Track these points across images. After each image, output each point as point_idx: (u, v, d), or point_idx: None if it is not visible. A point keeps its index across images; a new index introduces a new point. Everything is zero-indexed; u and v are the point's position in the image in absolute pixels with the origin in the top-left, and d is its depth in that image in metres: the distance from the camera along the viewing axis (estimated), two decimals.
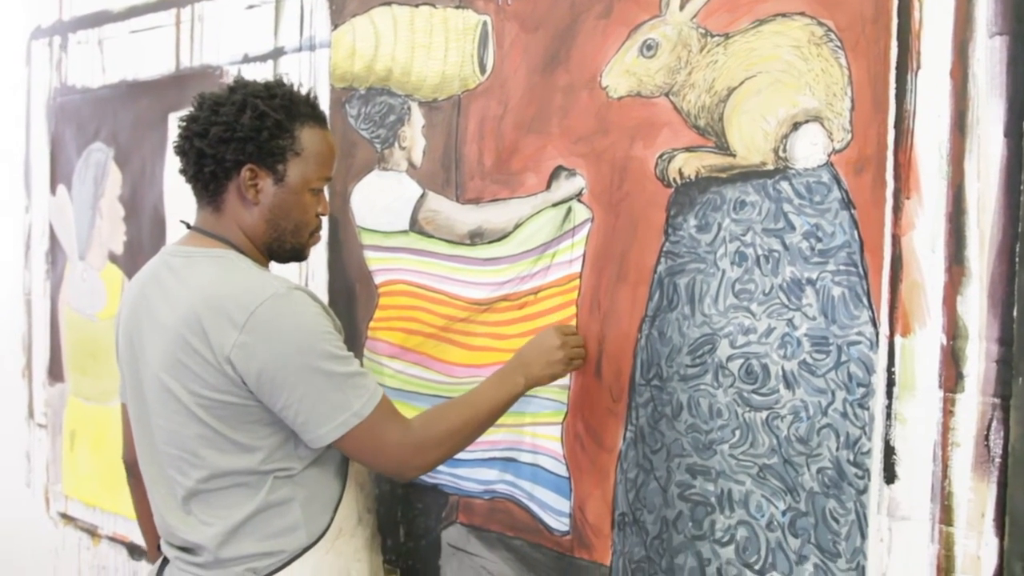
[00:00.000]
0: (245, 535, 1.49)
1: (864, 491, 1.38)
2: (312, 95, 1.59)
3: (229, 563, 1.49)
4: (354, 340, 2.07)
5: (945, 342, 1.32)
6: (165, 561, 1.62)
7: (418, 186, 1.96)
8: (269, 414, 1.47)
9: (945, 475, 1.32)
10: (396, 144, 2.00)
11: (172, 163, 2.55)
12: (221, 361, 1.42)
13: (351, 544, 1.57)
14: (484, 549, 1.85)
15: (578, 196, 1.70)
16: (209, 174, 1.52)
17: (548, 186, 1.74)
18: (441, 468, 1.91)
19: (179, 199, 2.39)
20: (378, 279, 2.03)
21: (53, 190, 3.00)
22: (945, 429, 1.32)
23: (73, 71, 2.89)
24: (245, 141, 1.49)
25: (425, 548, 1.95)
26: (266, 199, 1.53)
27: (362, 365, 2.05)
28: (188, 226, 1.60)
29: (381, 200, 2.02)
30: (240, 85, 1.55)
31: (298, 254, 1.62)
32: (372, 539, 1.67)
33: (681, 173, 1.56)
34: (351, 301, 2.09)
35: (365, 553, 1.61)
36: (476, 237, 1.85)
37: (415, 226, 1.96)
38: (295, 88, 1.57)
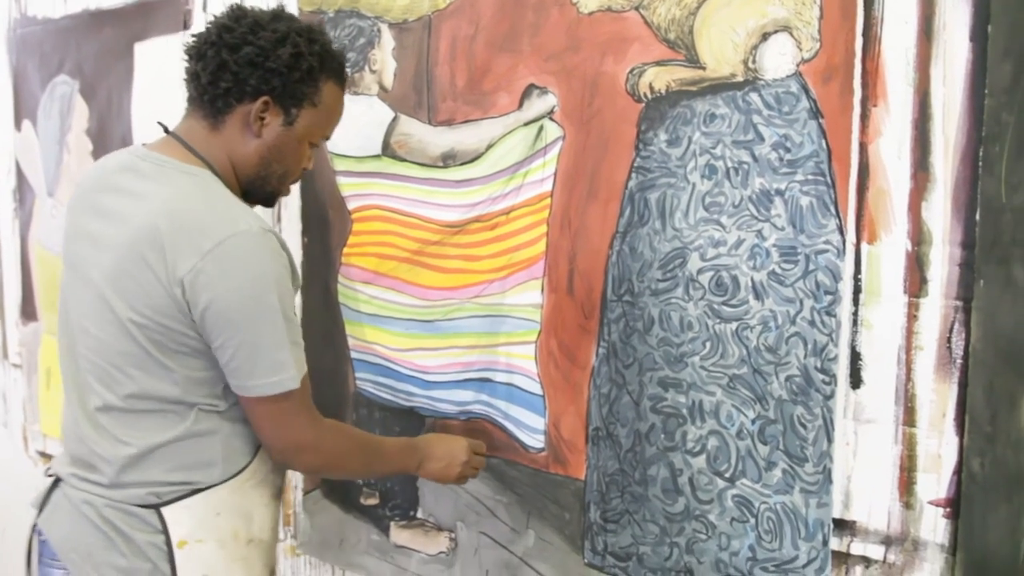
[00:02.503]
0: (157, 461, 1.43)
1: (831, 396, 1.41)
2: (343, 54, 1.56)
3: (131, 486, 1.43)
4: (328, 267, 2.08)
5: (910, 248, 1.34)
6: (55, 484, 1.53)
7: (390, 109, 1.94)
8: (205, 347, 1.41)
9: (909, 378, 1.35)
10: (366, 68, 1.98)
11: (140, 94, 2.52)
12: (172, 282, 1.36)
13: (260, 490, 1.52)
14: None
15: (550, 114, 1.69)
16: (223, 90, 1.44)
17: (520, 105, 1.73)
18: (416, 390, 1.93)
19: (148, 130, 2.36)
20: (351, 204, 2.03)
21: (18, 126, 2.95)
22: (909, 333, 1.35)
23: (33, 1, 2.82)
24: (274, 74, 1.43)
25: None
26: (269, 136, 1.48)
27: (338, 293, 2.07)
28: (166, 130, 1.53)
29: (353, 125, 2.00)
30: (285, 16, 1.49)
31: (270, 200, 1.58)
32: (280, 491, 1.60)
33: (652, 88, 1.56)
34: (324, 228, 2.09)
35: (273, 502, 1.55)
36: (449, 159, 1.85)
37: (387, 150, 1.95)
38: (332, 41, 1.54)
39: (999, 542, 1.29)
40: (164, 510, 1.42)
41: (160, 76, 2.41)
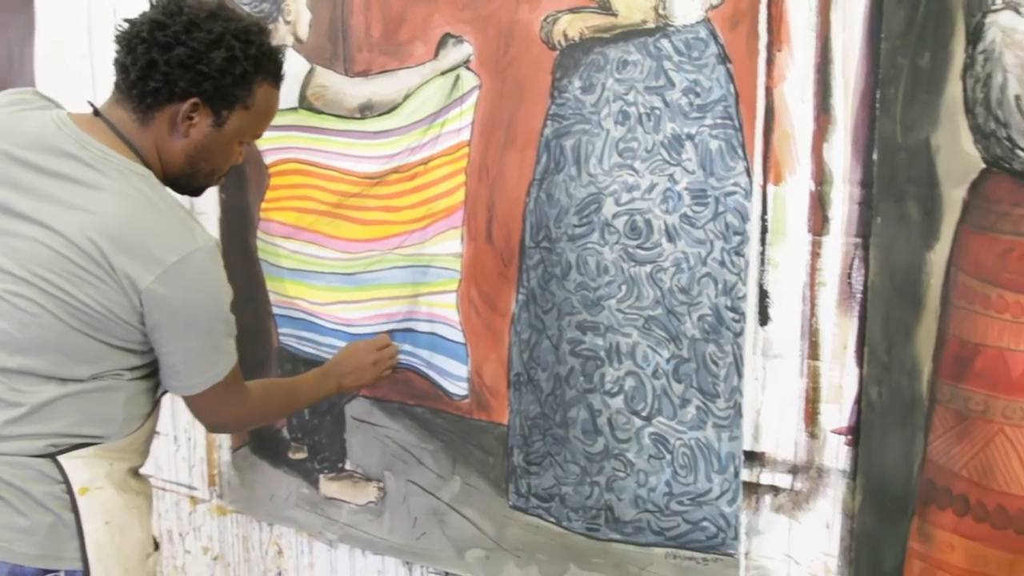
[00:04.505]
0: (56, 416, 1.40)
1: (740, 334, 1.46)
2: (282, 53, 1.51)
3: (24, 438, 1.39)
4: (246, 222, 2.05)
5: (813, 188, 1.39)
6: None
7: (305, 61, 1.91)
8: (144, 348, 1.41)
9: (813, 313, 1.41)
10: (280, 18, 1.94)
11: (42, 48, 2.42)
12: (128, 288, 1.34)
13: (146, 446, 1.53)
14: (387, 419, 1.89)
15: (466, 63, 1.69)
16: (152, 88, 1.38)
17: (436, 55, 1.73)
18: (341, 344, 1.93)
19: (52, 85, 2.28)
20: (268, 159, 2.00)
21: None
22: (813, 270, 1.40)
23: None
24: (206, 77, 1.37)
25: (329, 423, 1.99)
26: (196, 136, 1.42)
27: (257, 248, 2.05)
28: (97, 112, 1.45)
29: None
30: (223, 14, 1.41)
31: (197, 192, 1.55)
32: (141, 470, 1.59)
33: (565, 35, 1.57)
34: (242, 183, 2.06)
35: (147, 457, 1.56)
36: (366, 110, 1.83)
37: (304, 103, 1.92)
38: (270, 39, 1.47)
39: (895, 465, 1.37)
40: (62, 459, 1.39)
41: (64, 29, 2.32)
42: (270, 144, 2.00)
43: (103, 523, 1.40)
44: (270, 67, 1.44)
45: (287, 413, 1.71)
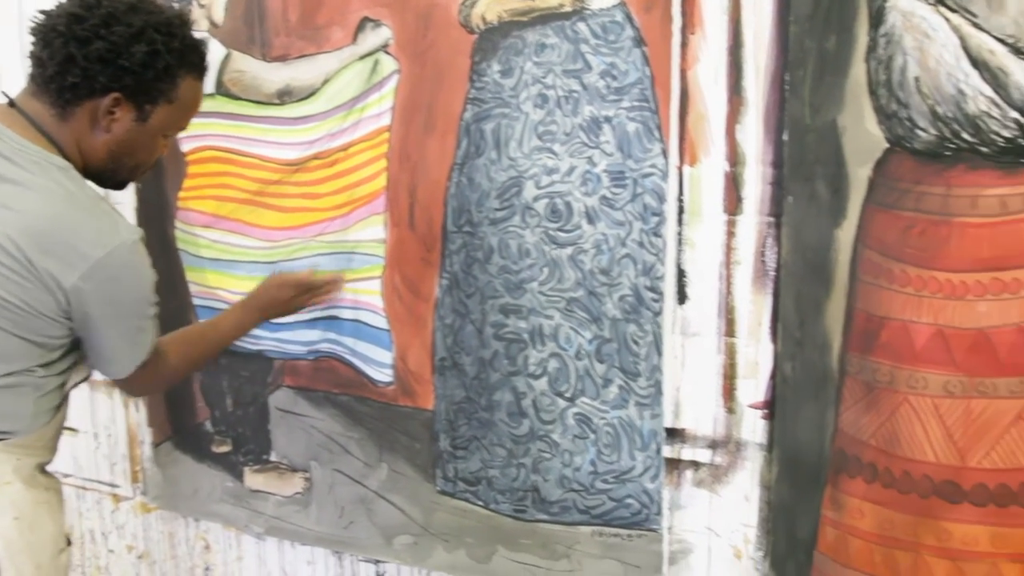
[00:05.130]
0: None
1: (660, 313, 1.48)
2: (206, 45, 1.46)
3: None
4: (164, 212, 2.00)
5: (727, 168, 1.42)
6: None
7: (221, 46, 1.87)
8: (68, 342, 1.40)
9: (729, 292, 1.44)
10: (194, 2, 1.90)
11: None
12: (52, 286, 1.32)
13: (55, 441, 1.50)
14: (312, 409, 1.88)
15: (384, 47, 1.68)
16: (71, 83, 1.34)
17: (354, 39, 1.71)
18: (263, 333, 1.90)
19: None
20: (185, 146, 1.96)
21: None
22: (728, 249, 1.43)
23: None
24: (127, 72, 1.33)
25: (253, 415, 1.96)
26: (118, 131, 1.38)
27: (175, 238, 2.00)
28: (12, 103, 1.40)
29: None
30: (143, 7, 1.36)
31: (121, 186, 1.51)
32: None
33: (484, 19, 1.57)
34: (158, 172, 2.01)
35: (56, 453, 1.53)
36: (285, 96, 1.81)
37: (221, 88, 1.88)
38: (192, 30, 1.43)
39: (808, 437, 1.41)
40: None
41: None
42: (187, 132, 1.95)
43: (12, 519, 1.36)
44: (193, 60, 1.41)
45: (213, 356, 1.68)
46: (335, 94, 1.74)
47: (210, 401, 2.00)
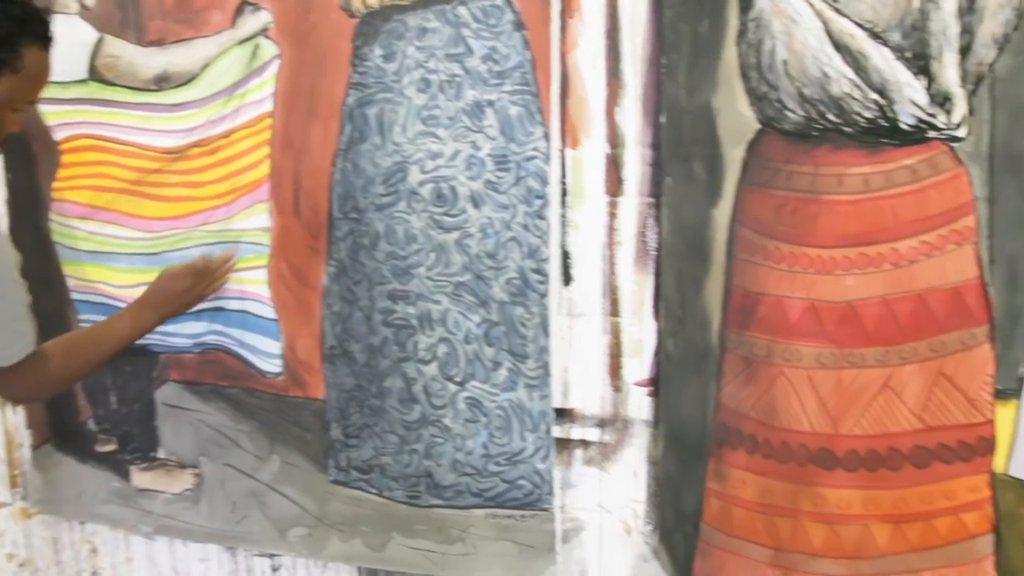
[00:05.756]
0: None
1: (546, 295, 1.50)
2: (49, 13, 1.38)
3: None
4: (37, 204, 1.92)
5: (608, 151, 1.44)
6: None
7: (93, 30, 1.80)
8: None
9: (612, 272, 1.47)
10: None
11: None
12: None
13: None
14: (200, 403, 1.83)
15: (264, 32, 1.64)
16: None
17: (233, 23, 1.67)
18: None
19: None
20: (59, 135, 1.87)
21: None
22: (611, 231, 1.46)
23: None
24: None
25: (139, 411, 1.90)
26: None
27: (51, 231, 1.92)
28: None
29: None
30: None
31: None
32: None
33: (365, 3, 1.55)
34: (30, 162, 1.92)
35: None
36: (162, 81, 1.75)
37: (94, 74, 1.81)
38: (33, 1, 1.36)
39: (692, 412, 1.45)
40: None
41: None
42: (60, 119, 1.87)
43: None
44: (36, 28, 1.35)
45: (103, 361, 1.54)
46: (214, 80, 1.70)
47: (93, 399, 1.93)
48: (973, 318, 1.30)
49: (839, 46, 1.29)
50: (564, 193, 1.46)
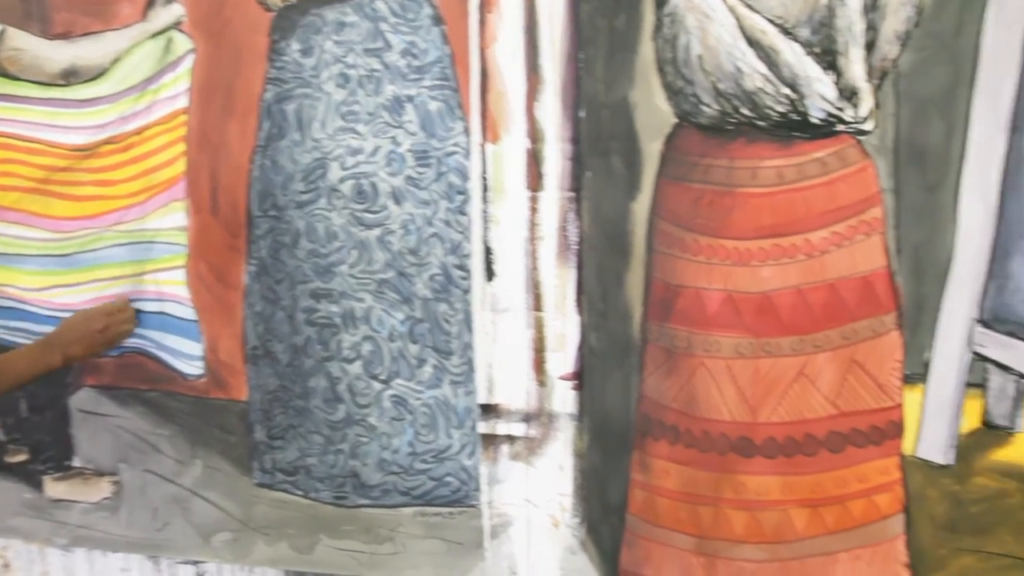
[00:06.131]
0: None
1: (469, 291, 1.50)
2: None
3: None
4: None
5: (528, 145, 1.44)
6: None
7: None
8: None
9: (535, 267, 1.47)
10: None
11: None
12: None
13: None
14: (117, 408, 1.78)
15: (177, 25, 1.61)
16: None
17: (144, 16, 1.63)
18: None
19: None
20: None
21: None
22: (532, 225, 1.46)
23: None
24: None
25: (52, 419, 1.83)
26: None
27: None
28: None
29: None
30: None
31: None
32: None
33: None
34: None
35: None
36: (70, 76, 1.69)
37: None
38: None
39: (616, 404, 1.46)
40: None
41: None
42: None
43: None
44: None
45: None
46: (126, 74, 1.65)
47: (0, 408, 1.86)
48: (882, 306, 1.35)
49: (752, 42, 1.31)
50: (485, 188, 1.46)
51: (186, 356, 1.71)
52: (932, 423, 1.37)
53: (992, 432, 1.39)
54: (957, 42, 1.25)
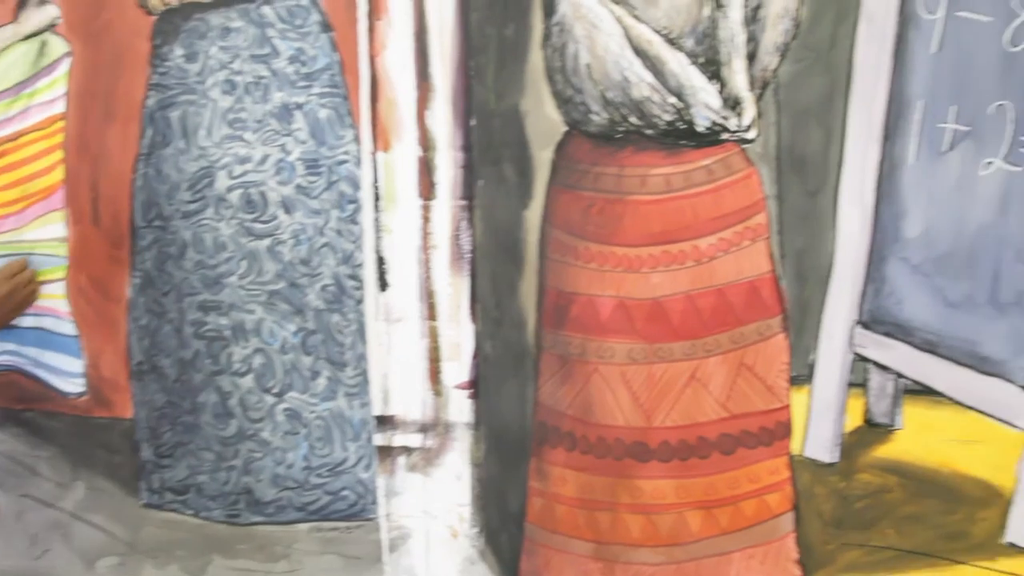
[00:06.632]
0: None
1: (362, 301, 1.48)
2: None
3: None
4: None
5: (420, 154, 1.43)
6: None
7: None
8: None
9: (428, 276, 1.46)
10: None
11: None
12: None
13: None
14: None
15: (52, 27, 1.54)
16: None
17: (16, 17, 1.56)
18: None
19: None
20: None
21: None
22: (425, 234, 1.45)
23: None
24: None
25: None
26: None
27: None
28: None
29: None
30: None
31: None
32: None
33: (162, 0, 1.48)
34: None
35: None
36: None
37: None
38: None
39: (512, 413, 1.46)
40: None
41: None
42: None
43: None
44: None
45: None
46: None
47: None
48: (768, 310, 1.38)
49: (638, 51, 1.33)
50: (377, 197, 1.45)
51: (66, 373, 1.64)
52: (818, 423, 1.41)
53: (874, 430, 1.44)
54: (832, 54, 1.29)
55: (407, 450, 1.51)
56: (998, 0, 1.20)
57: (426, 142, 1.42)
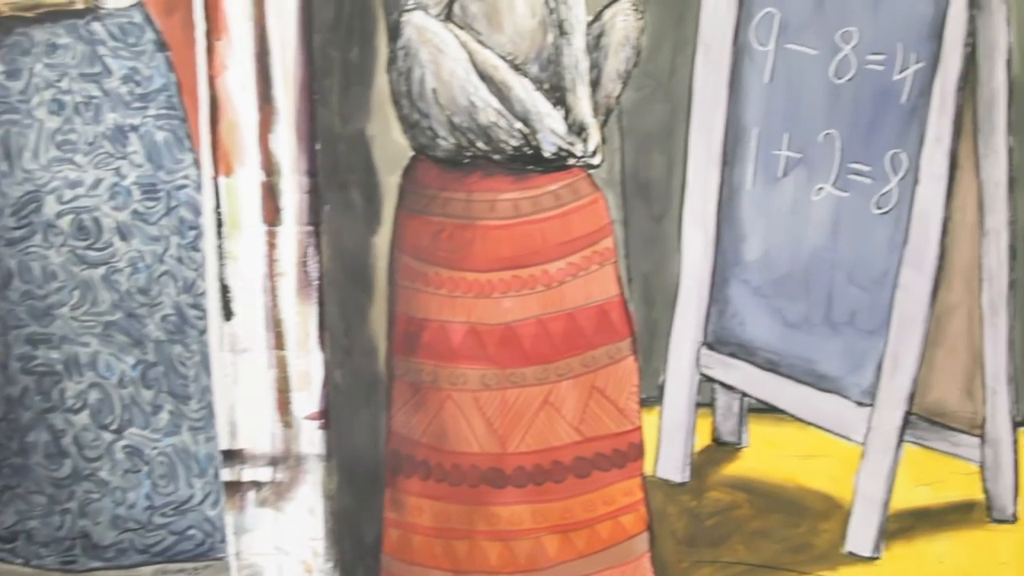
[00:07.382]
0: None
1: (205, 331, 1.41)
2: None
3: None
4: None
5: (264, 178, 1.39)
6: None
7: None
8: None
9: (275, 304, 1.41)
10: None
11: None
12: None
13: None
14: None
15: None
16: None
17: None
18: None
19: None
20: None
21: None
22: (271, 261, 1.41)
23: None
24: None
25: None
26: None
27: None
28: None
29: None
30: None
31: None
32: None
33: None
34: None
35: None
36: None
37: None
38: None
39: (364, 442, 1.43)
40: None
41: None
42: None
43: None
44: None
45: None
46: None
47: None
48: (618, 333, 1.39)
49: (484, 76, 1.32)
50: (220, 223, 1.39)
51: None
52: (668, 443, 1.44)
53: (722, 448, 1.48)
54: (672, 82, 1.32)
55: (257, 484, 1.46)
56: (823, 34, 1.25)
57: (270, 166, 1.38)
